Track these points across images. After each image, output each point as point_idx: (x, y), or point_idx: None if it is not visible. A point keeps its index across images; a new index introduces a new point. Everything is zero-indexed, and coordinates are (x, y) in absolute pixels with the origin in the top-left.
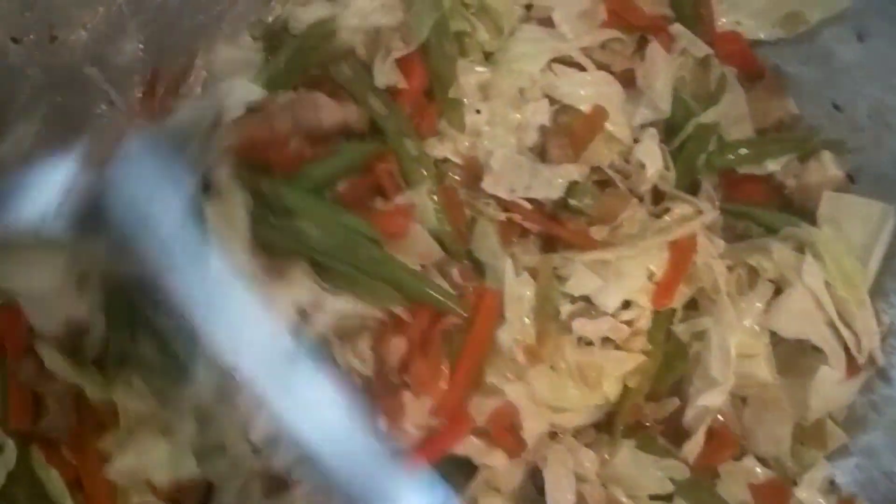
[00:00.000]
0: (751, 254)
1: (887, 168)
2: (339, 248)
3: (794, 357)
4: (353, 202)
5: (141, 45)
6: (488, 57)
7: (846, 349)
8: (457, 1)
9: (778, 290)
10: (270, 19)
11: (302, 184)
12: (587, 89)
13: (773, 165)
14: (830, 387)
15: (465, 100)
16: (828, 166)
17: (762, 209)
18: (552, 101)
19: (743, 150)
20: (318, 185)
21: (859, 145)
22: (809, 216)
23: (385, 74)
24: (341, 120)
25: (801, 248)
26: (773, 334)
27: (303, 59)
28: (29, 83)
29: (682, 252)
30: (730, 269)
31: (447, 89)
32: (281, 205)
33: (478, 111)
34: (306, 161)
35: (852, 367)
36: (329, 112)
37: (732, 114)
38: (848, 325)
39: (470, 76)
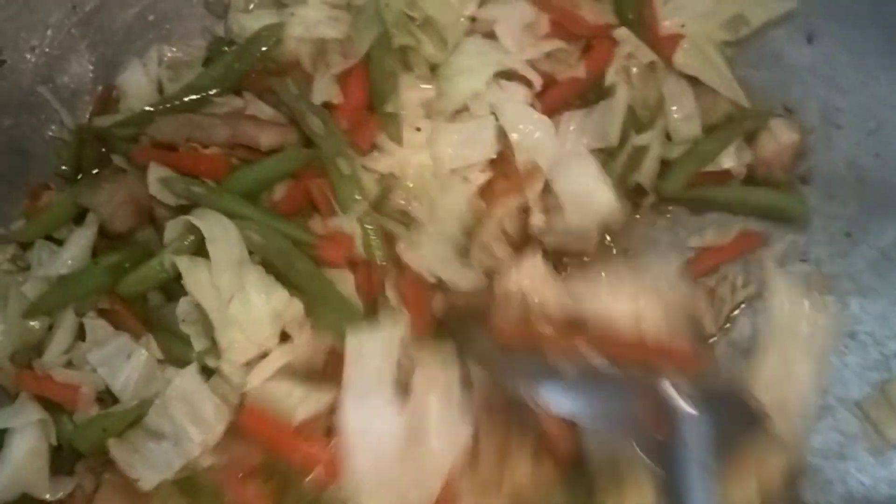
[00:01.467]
0: None
1: (839, 168)
2: (277, 253)
3: None
4: (290, 211)
5: (91, 66)
6: (434, 69)
7: None
8: (401, 15)
9: None
10: (222, 33)
11: (232, 187)
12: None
13: (727, 161)
14: None
15: (402, 112)
16: (780, 132)
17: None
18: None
19: (686, 168)
20: (249, 190)
21: (810, 147)
22: (776, 185)
23: (323, 91)
24: (279, 143)
25: None
26: None
27: (242, 64)
28: None
29: None
30: None
31: (385, 103)
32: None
33: (418, 129)
34: (236, 167)
35: None
36: (269, 135)
37: (680, 115)
38: None
39: (413, 92)
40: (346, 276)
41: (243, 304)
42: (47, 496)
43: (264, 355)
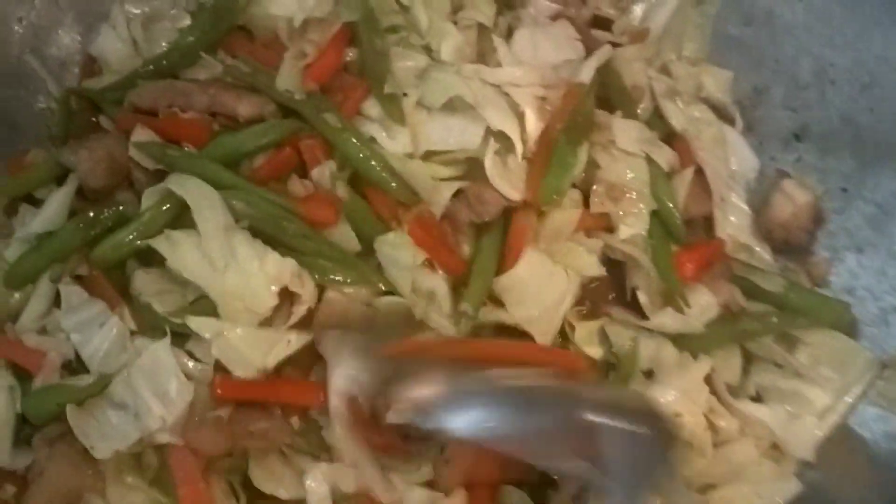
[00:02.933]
0: None
1: (834, 124)
2: (265, 220)
3: None
4: (269, 178)
5: (79, 37)
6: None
7: None
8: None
9: None
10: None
11: (213, 154)
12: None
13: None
14: None
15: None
16: (794, 193)
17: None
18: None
19: None
20: (230, 158)
21: (805, 103)
22: (796, 249)
23: (286, 79)
24: (258, 113)
25: None
26: None
27: (216, 26)
28: None
29: None
30: None
31: (382, 84)
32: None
33: (405, 94)
34: (218, 133)
35: None
36: (248, 105)
37: None
38: None
39: (405, 62)
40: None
41: (238, 274)
42: (7, 467)
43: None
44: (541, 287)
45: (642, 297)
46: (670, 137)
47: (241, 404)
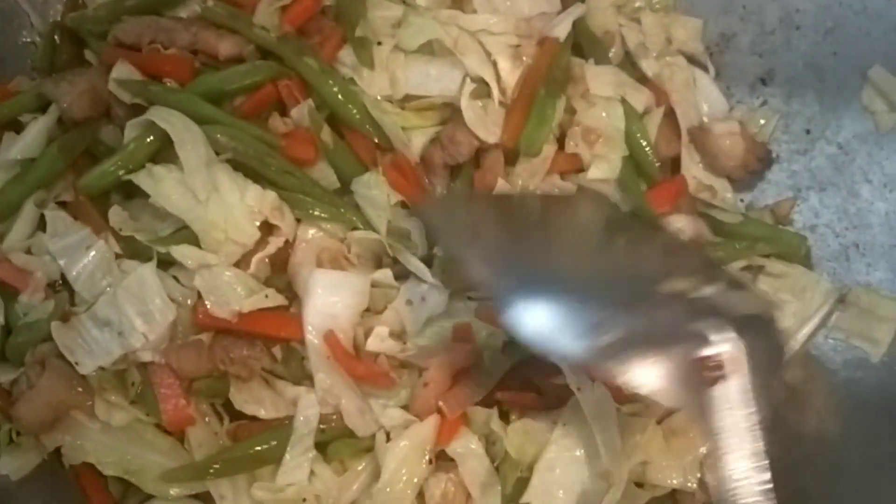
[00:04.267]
0: None
1: (798, 69)
2: (248, 154)
3: None
4: (250, 116)
5: None
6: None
7: None
8: None
9: None
10: None
11: (195, 90)
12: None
13: None
14: None
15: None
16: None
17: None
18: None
19: None
20: (210, 95)
21: (771, 48)
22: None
23: (263, 16)
24: (237, 53)
25: None
26: None
27: None
28: None
29: None
30: None
31: (354, 27)
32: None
33: (379, 42)
34: (200, 71)
35: None
36: (229, 44)
37: None
38: None
39: (380, 11)
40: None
41: (220, 206)
42: None
43: (247, 252)
44: None
45: None
46: (643, 80)
47: (221, 332)
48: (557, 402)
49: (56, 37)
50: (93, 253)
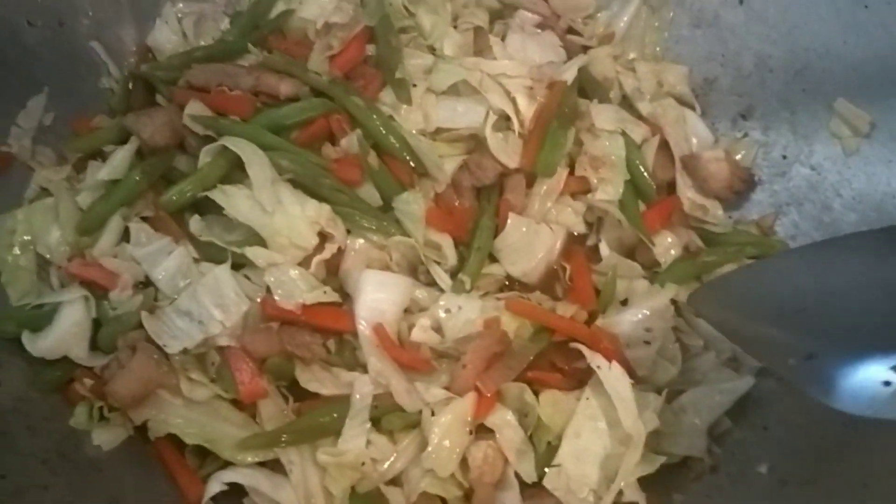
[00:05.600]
0: None
1: (772, 105)
2: (306, 175)
3: None
4: (306, 145)
5: (134, 30)
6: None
7: None
8: (400, 8)
9: None
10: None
11: (259, 123)
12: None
13: None
14: None
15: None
16: (709, 163)
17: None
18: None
19: None
20: (272, 128)
21: (748, 89)
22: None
23: (315, 63)
24: (295, 92)
25: None
26: None
27: (252, 24)
28: (41, 62)
29: None
30: None
31: (393, 71)
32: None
33: (414, 85)
34: (261, 109)
35: None
36: (288, 85)
37: None
38: None
39: (415, 59)
40: (365, 187)
41: (284, 216)
42: (84, 363)
43: (306, 256)
44: (529, 245)
45: (603, 248)
46: (640, 118)
47: (286, 322)
48: (580, 382)
49: (130, 84)
50: (174, 257)
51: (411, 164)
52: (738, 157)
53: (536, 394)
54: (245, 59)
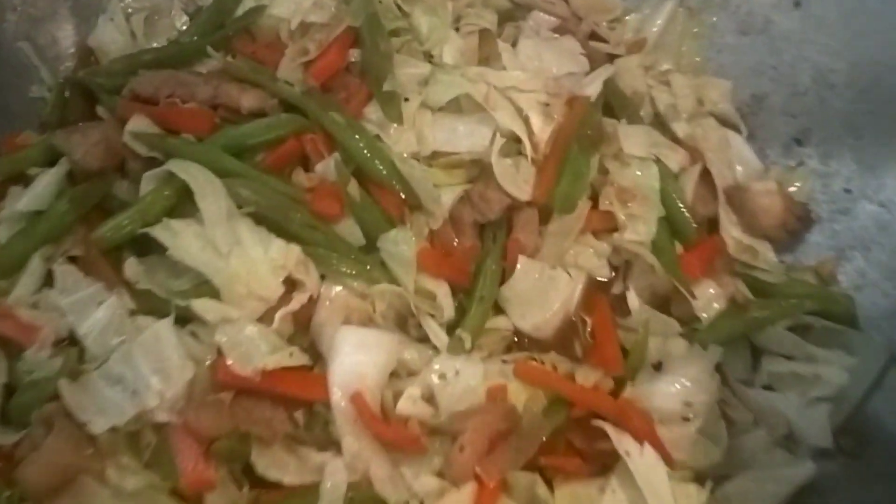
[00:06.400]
0: None
1: (834, 128)
2: (271, 208)
3: None
4: (273, 170)
5: (73, 28)
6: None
7: None
8: (391, 7)
9: None
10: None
11: (216, 143)
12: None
13: None
14: None
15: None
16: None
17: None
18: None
19: None
20: (232, 149)
21: (805, 108)
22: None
23: (286, 72)
24: (260, 106)
25: None
26: None
27: (214, 23)
28: None
29: None
30: None
31: (381, 83)
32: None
33: (406, 99)
34: (221, 126)
35: None
36: (252, 97)
37: None
38: None
39: (407, 69)
40: (344, 223)
41: (243, 259)
42: None
43: (269, 308)
44: (542, 293)
45: (632, 299)
46: (675, 141)
47: (241, 391)
48: (603, 468)
49: (66, 92)
50: (105, 308)
51: (401, 194)
52: (793, 189)
53: (550, 484)
54: (203, 64)
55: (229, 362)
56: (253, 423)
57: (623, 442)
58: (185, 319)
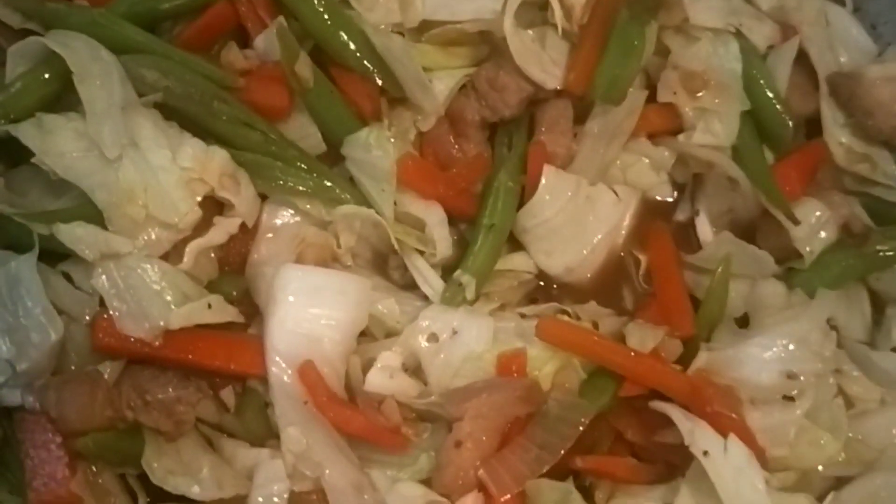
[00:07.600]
0: None
1: None
2: (188, 96)
3: None
4: (195, 47)
5: None
6: None
7: None
8: None
9: None
10: None
11: (115, 10)
12: None
13: None
14: None
15: None
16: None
17: None
18: None
19: None
20: (139, 17)
21: None
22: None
23: None
24: None
25: None
26: None
27: None
28: None
29: None
30: None
31: None
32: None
33: None
34: None
35: None
36: None
37: None
38: None
39: None
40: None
41: (137, 166)
42: None
43: (180, 240)
44: (577, 221)
45: (704, 227)
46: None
47: (135, 361)
48: (669, 472)
49: None
50: None
51: (377, 80)
52: None
53: (591, 494)
54: None
55: (115, 317)
56: (146, 410)
57: (697, 434)
58: (57, 256)
